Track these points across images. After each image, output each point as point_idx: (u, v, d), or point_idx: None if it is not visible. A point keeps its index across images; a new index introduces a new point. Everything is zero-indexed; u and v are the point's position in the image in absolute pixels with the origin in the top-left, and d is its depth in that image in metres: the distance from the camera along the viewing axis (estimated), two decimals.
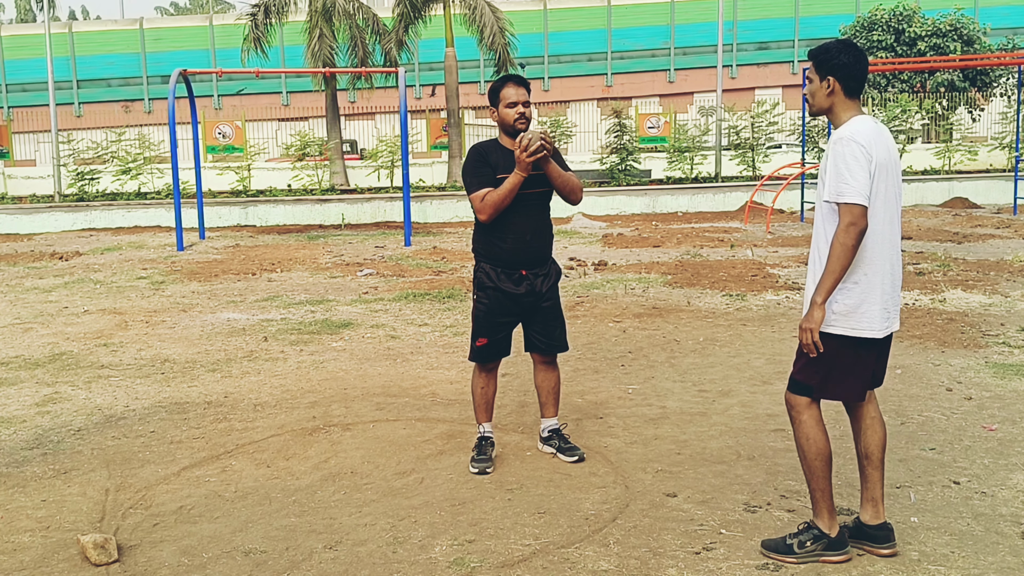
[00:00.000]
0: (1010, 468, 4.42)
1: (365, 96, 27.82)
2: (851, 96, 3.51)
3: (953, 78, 27.90)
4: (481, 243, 4.63)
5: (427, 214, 19.87)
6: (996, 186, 21.14)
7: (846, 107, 3.51)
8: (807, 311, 3.40)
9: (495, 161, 4.44)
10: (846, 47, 3.49)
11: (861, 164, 3.32)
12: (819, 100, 3.54)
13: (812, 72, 3.57)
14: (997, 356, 6.59)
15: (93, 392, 6.20)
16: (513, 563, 3.53)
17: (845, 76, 3.47)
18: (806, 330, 3.37)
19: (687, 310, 8.67)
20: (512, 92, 4.41)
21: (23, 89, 37.67)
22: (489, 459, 4.60)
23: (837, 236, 3.31)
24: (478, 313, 4.63)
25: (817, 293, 3.36)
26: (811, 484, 3.54)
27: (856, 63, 3.48)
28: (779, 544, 3.56)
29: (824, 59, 3.50)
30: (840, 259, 3.31)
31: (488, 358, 4.66)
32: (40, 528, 3.97)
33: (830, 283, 3.34)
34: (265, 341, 7.73)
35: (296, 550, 3.69)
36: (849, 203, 3.30)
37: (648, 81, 39.12)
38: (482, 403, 4.72)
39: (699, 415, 5.39)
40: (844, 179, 3.31)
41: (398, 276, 11.34)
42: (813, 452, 3.49)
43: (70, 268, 12.83)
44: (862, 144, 3.34)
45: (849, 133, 3.38)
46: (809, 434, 3.50)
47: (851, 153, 3.33)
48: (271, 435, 5.20)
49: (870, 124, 3.44)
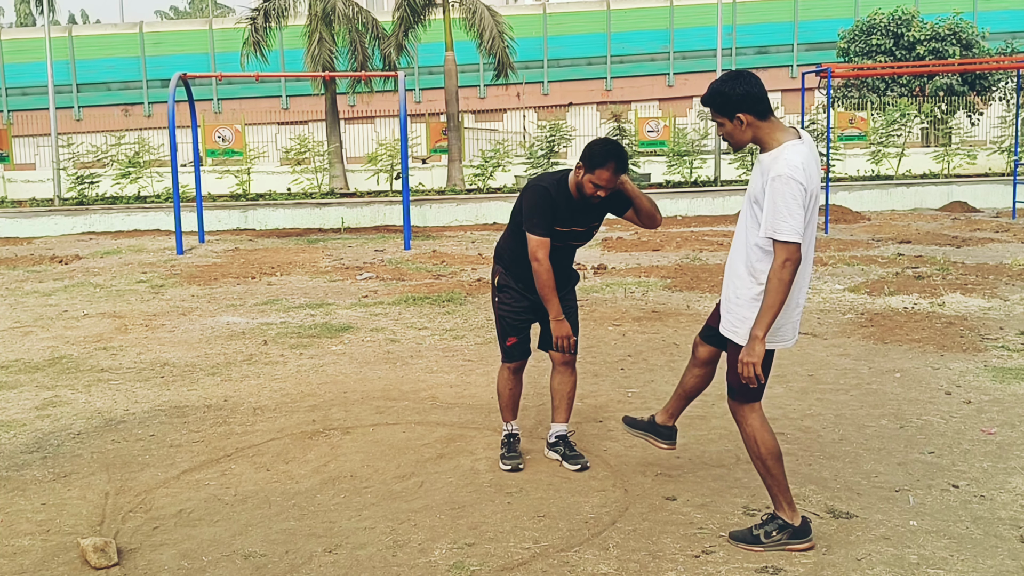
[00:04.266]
0: (1009, 472, 4.42)
1: (365, 100, 27.85)
2: (765, 118, 3.51)
3: (952, 82, 27.93)
4: (508, 254, 4.67)
5: (427, 218, 19.88)
6: (995, 190, 21.17)
7: (768, 130, 3.51)
8: (748, 346, 3.46)
9: (559, 208, 4.40)
10: (735, 79, 3.49)
11: (798, 202, 3.36)
12: (740, 138, 3.56)
13: (718, 117, 3.56)
14: (996, 360, 6.60)
15: (93, 396, 6.21)
16: (513, 566, 3.53)
17: (751, 105, 3.47)
18: (748, 364, 3.46)
19: (687, 314, 8.67)
20: (609, 176, 4.24)
21: (23, 93, 37.68)
22: (519, 455, 4.70)
23: (775, 272, 3.38)
24: (503, 313, 4.69)
25: (758, 328, 3.43)
26: (767, 481, 3.68)
27: (752, 87, 3.48)
28: (746, 535, 3.69)
29: (723, 102, 3.50)
30: (779, 294, 3.39)
31: (520, 355, 4.74)
32: (40, 531, 3.97)
33: (770, 318, 3.41)
34: (265, 345, 7.73)
35: (296, 554, 3.69)
36: (786, 241, 3.36)
37: (647, 85, 39.14)
38: (509, 403, 4.80)
39: (698, 419, 5.40)
40: (782, 217, 3.35)
41: (398, 280, 11.35)
42: (764, 451, 3.64)
43: (70, 272, 12.83)
44: (800, 182, 3.36)
45: (789, 171, 3.36)
46: (758, 436, 3.65)
47: (790, 192, 3.35)
48: (271, 439, 5.20)
49: (804, 151, 3.44)
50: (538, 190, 4.42)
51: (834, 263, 11.84)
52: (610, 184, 4.26)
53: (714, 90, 3.53)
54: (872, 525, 3.84)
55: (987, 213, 19.34)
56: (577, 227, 4.48)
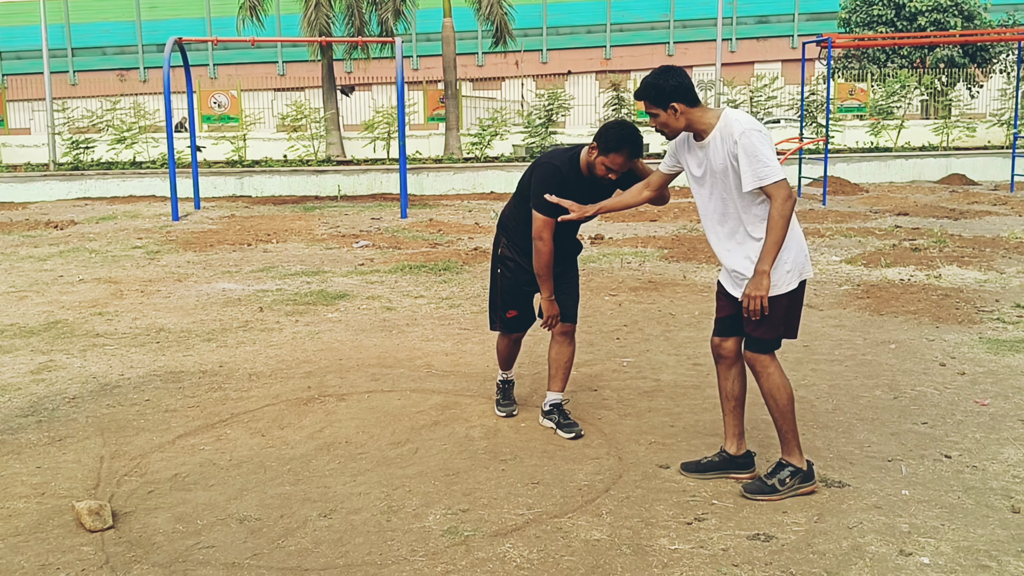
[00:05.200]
0: (1001, 442, 4.44)
1: (361, 67, 27.65)
2: (695, 105, 3.79)
3: (953, 54, 27.77)
4: (513, 225, 4.70)
5: (423, 186, 19.81)
6: (994, 163, 21.12)
7: (699, 114, 3.78)
8: (754, 279, 3.68)
9: (568, 187, 4.40)
10: (667, 73, 3.77)
11: (768, 145, 3.67)
12: (675, 126, 3.82)
13: (651, 108, 3.81)
14: (991, 332, 6.61)
15: (88, 360, 6.21)
16: (507, 532, 3.55)
17: (683, 94, 3.76)
18: (756, 297, 3.67)
19: (683, 284, 8.67)
20: (623, 161, 4.27)
21: (17, 57, 37.38)
22: (513, 403, 4.97)
23: (777, 210, 3.63)
24: (505, 284, 4.75)
25: (764, 263, 3.67)
26: (783, 427, 3.87)
27: (683, 78, 3.78)
28: (762, 486, 3.84)
29: (658, 93, 3.76)
30: (782, 230, 3.64)
31: (518, 328, 4.89)
32: (35, 494, 3.98)
33: (775, 252, 3.66)
34: (261, 311, 7.73)
35: (291, 518, 3.71)
36: (778, 180, 3.63)
37: (647, 54, 38.87)
38: (507, 357, 4.99)
39: (693, 388, 5.41)
40: (764, 162, 3.63)
41: (394, 248, 11.33)
42: (785, 398, 3.84)
43: (65, 237, 12.79)
44: (759, 130, 3.67)
45: (751, 125, 3.67)
46: (779, 383, 3.84)
47: (760, 141, 3.64)
48: (266, 404, 5.21)
49: (742, 112, 3.80)
50: (549, 168, 4.42)
51: (831, 234, 11.83)
52: (623, 169, 4.32)
53: (648, 84, 3.80)
54: (864, 494, 3.86)
55: (985, 186, 19.31)
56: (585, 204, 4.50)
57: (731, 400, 4.08)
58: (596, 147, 4.31)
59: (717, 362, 4.09)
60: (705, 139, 3.79)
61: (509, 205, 4.77)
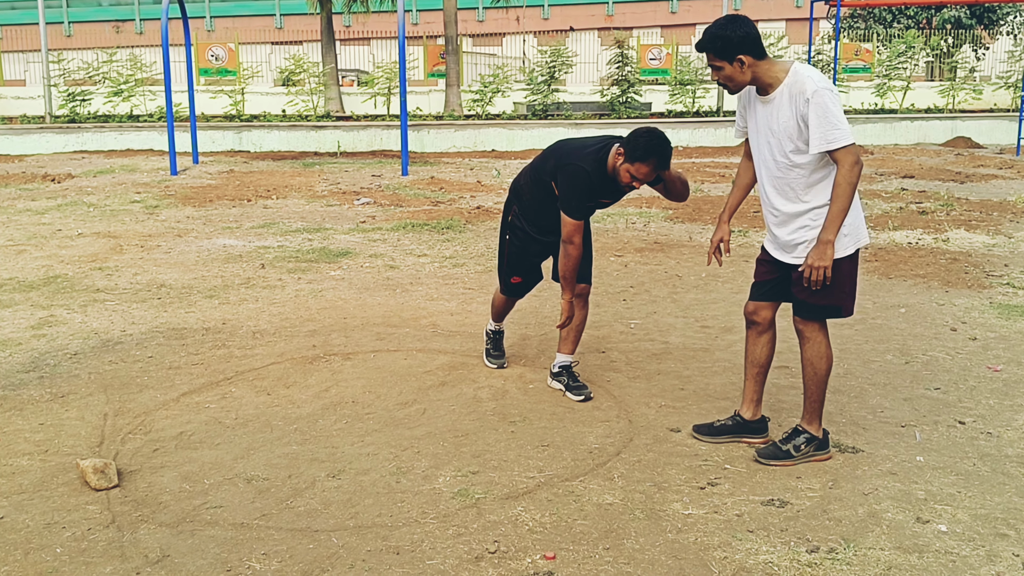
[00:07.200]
0: (1015, 409, 4.40)
1: (361, 20, 27.27)
2: (763, 58, 3.59)
3: (960, 15, 27.43)
4: (527, 199, 4.65)
5: (424, 144, 19.61)
6: (1000, 126, 20.94)
7: (767, 67, 3.58)
8: (818, 248, 3.53)
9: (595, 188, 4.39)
10: (733, 22, 3.57)
11: (839, 106, 3.48)
12: (740, 79, 3.62)
13: (717, 60, 3.60)
14: (1001, 296, 6.55)
15: (89, 316, 6.13)
16: (518, 495, 3.50)
17: (751, 46, 3.55)
18: (820, 267, 3.53)
19: (689, 245, 8.59)
20: (648, 172, 4.23)
21: (11, 7, 36.79)
22: (503, 354, 5.05)
23: (844, 177, 3.45)
24: (511, 251, 4.79)
25: (829, 232, 3.50)
26: (813, 395, 3.78)
27: (751, 28, 3.57)
28: (776, 451, 3.79)
29: (724, 45, 3.55)
30: (849, 197, 3.47)
31: (521, 293, 4.95)
32: (39, 452, 3.92)
33: (841, 220, 3.50)
34: (262, 268, 7.64)
35: (299, 478, 3.66)
36: (847, 145, 3.44)
37: (650, 11, 38.36)
38: (501, 311, 5.03)
39: (702, 351, 5.35)
40: (834, 125, 3.43)
41: (396, 206, 11.21)
42: (825, 367, 3.75)
43: (63, 190, 12.65)
44: (831, 89, 3.48)
45: (823, 84, 3.46)
46: (823, 352, 3.74)
47: (832, 102, 3.44)
48: (271, 363, 5.15)
49: (812, 68, 3.61)
50: (580, 173, 4.34)
51: None
52: (647, 179, 4.27)
53: (713, 34, 3.57)
54: (878, 460, 3.82)
55: (991, 149, 19.16)
56: (608, 200, 4.55)
57: (756, 367, 3.99)
58: (623, 153, 4.24)
59: (749, 327, 3.99)
60: (771, 94, 3.58)
61: (523, 177, 4.70)
